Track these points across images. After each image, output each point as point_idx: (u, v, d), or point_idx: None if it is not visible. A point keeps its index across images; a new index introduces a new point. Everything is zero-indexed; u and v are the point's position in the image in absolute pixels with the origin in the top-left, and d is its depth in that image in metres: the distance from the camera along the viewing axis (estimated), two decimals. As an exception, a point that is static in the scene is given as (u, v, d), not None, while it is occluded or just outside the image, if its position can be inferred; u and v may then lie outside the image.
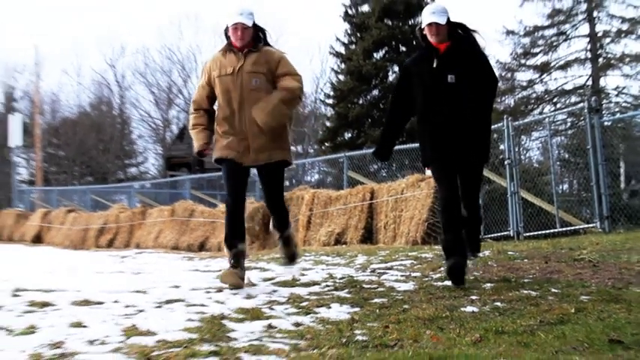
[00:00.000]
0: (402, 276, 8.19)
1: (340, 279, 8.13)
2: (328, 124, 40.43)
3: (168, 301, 6.66)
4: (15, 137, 41.78)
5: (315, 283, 7.85)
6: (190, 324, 5.36)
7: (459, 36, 7.38)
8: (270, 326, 5.22)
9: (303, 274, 8.79)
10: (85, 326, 5.30)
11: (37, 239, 28.80)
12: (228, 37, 7.70)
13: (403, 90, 7.64)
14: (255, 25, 7.66)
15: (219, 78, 7.60)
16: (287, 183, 26.59)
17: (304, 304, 6.36)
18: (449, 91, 7.19)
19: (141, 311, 6.01)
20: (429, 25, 7.22)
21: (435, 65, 7.24)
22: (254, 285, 7.78)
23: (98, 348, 4.47)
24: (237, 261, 7.56)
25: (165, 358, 4.11)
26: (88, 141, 61.90)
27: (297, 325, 5.30)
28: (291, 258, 8.65)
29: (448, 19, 7.29)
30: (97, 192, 35.15)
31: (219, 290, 7.39)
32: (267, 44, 7.83)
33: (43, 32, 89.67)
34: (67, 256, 19.25)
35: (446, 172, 7.40)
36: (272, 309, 6.13)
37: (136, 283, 8.28)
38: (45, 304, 6.50)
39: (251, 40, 7.63)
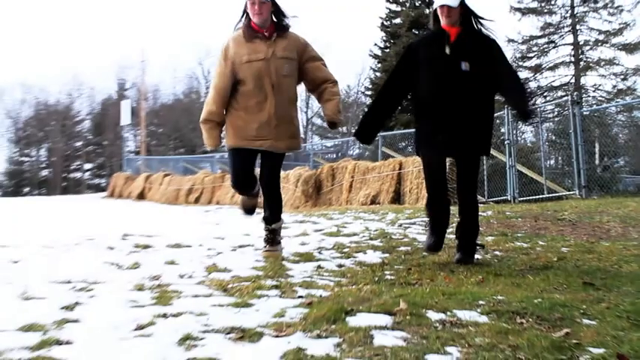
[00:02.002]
0: (422, 229, 8.15)
1: (374, 231, 8.12)
2: (366, 110, 40.37)
3: (241, 246, 6.69)
4: (125, 118, 42.16)
5: (354, 234, 7.84)
6: (257, 264, 5.38)
7: (470, 22, 5.51)
8: (319, 267, 5.23)
9: (345, 227, 8.78)
10: (176, 264, 5.34)
11: (141, 196, 29.11)
12: (246, 15, 5.96)
13: (401, 73, 5.68)
14: (272, 1, 5.90)
15: (249, 63, 5.79)
16: (334, 156, 26.50)
17: (346, 250, 6.35)
18: (461, 80, 5.31)
19: (219, 253, 6.05)
20: (441, 6, 5.45)
21: (447, 51, 5.35)
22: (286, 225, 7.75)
23: (186, 281, 4.50)
24: (274, 237, 6.07)
25: (238, 289, 4.12)
26: (180, 121, 62.54)
27: (340, 266, 5.30)
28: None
29: (462, 1, 5.48)
30: (187, 160, 35.39)
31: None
32: (285, 23, 6.01)
33: (149, 36, 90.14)
34: (164, 209, 19.41)
35: (438, 164, 5.54)
36: (321, 253, 6.13)
37: (216, 232, 8.32)
38: (146, 246, 6.57)
39: (269, 16, 5.90)
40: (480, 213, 5.84)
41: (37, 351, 2.74)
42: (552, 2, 38.27)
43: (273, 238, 6.10)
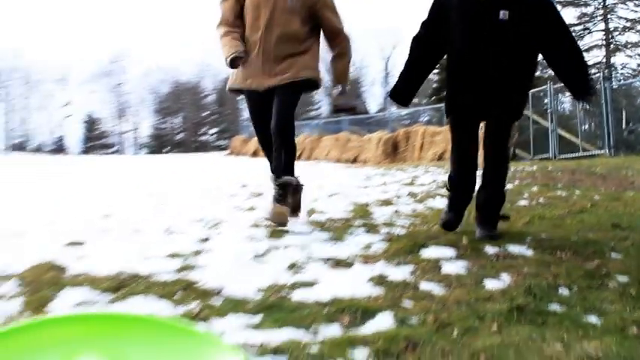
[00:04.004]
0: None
1: (440, 182, 8.07)
2: (434, 85, 39.60)
3: (334, 193, 6.75)
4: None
5: (424, 184, 7.81)
6: (348, 207, 5.43)
7: None
8: (396, 211, 5.24)
9: (417, 179, 8.76)
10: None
11: (254, 154, 29.46)
12: None
13: (435, 26, 3.81)
14: None
15: None
16: (408, 122, 26.21)
17: (418, 197, 6.34)
18: (498, 30, 3.57)
19: (317, 199, 6.13)
20: None
21: None
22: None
23: (291, 220, 4.59)
24: (284, 193, 4.33)
25: (333, 227, 4.19)
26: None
27: (414, 210, 5.30)
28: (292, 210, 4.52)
29: None
30: (290, 126, 35.58)
31: (366, 187, 7.44)
32: None
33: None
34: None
35: (466, 130, 3.98)
36: (398, 199, 6.14)
37: (314, 181, 8.41)
38: (259, 194, 6.70)
39: None
40: (525, 168, 5.70)
41: (180, 273, 2.86)
42: (587, -5, 37.82)
43: (283, 195, 4.36)
